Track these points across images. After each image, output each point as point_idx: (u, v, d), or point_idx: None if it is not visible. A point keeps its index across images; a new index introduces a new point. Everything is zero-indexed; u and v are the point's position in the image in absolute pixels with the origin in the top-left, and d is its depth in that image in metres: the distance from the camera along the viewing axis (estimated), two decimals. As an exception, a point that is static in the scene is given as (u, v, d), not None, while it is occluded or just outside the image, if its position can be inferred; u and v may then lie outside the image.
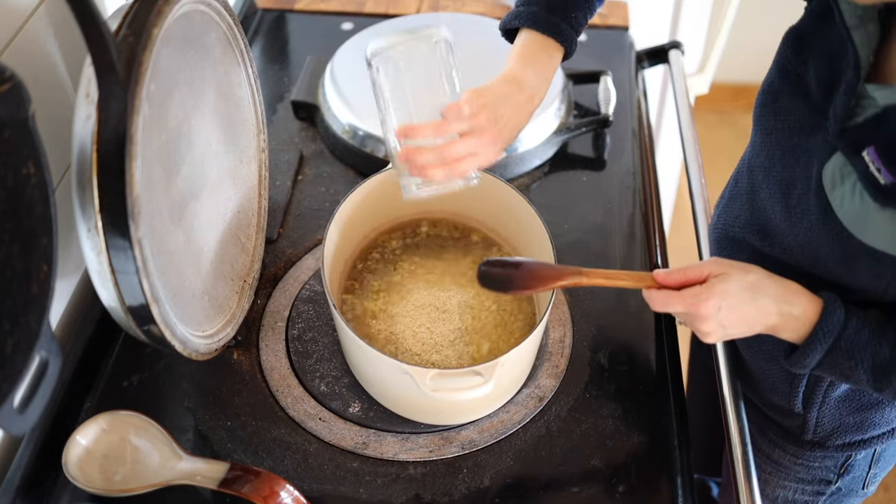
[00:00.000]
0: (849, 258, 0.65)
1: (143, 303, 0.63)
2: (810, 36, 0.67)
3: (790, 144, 0.69)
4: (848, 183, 0.62)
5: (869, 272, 0.65)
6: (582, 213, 1.02)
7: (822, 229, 0.66)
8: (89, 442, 0.75)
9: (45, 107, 0.74)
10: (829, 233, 0.65)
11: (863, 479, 0.91)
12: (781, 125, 0.70)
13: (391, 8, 1.34)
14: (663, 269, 0.74)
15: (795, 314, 0.68)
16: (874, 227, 0.61)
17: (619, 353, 0.88)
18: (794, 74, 0.69)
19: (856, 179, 0.61)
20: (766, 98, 0.72)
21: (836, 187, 0.63)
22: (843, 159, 0.62)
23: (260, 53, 1.27)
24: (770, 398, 0.87)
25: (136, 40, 0.61)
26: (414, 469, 0.78)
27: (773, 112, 0.71)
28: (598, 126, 1.11)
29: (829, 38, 0.64)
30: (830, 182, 0.64)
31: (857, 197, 0.62)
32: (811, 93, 0.67)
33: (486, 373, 0.69)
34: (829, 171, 0.64)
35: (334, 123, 1.08)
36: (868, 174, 0.60)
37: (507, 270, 0.72)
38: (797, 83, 0.68)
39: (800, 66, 0.68)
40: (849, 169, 0.62)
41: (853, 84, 0.62)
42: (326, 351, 0.87)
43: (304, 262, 0.96)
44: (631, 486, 0.77)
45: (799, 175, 0.69)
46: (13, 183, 0.52)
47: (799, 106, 0.68)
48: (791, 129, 0.69)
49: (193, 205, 0.78)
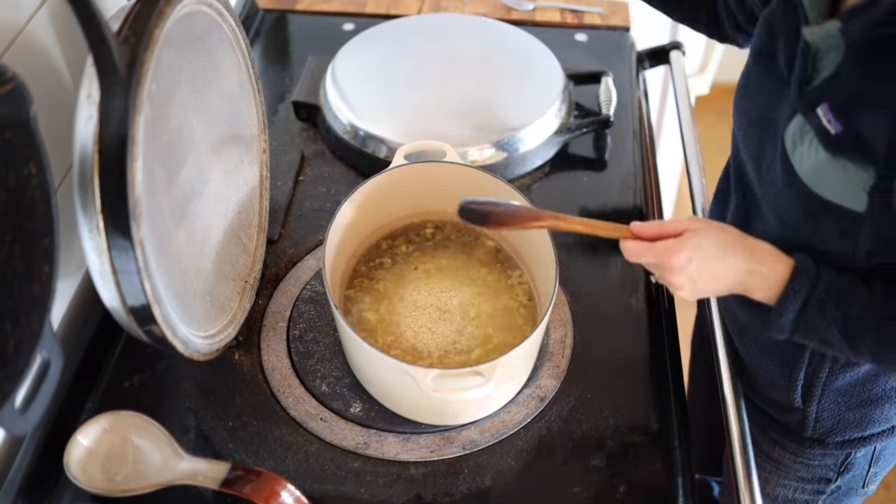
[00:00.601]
0: (811, 216, 0.67)
1: (144, 303, 0.63)
2: (780, 17, 0.71)
3: (760, 117, 0.73)
4: (806, 140, 0.66)
5: (833, 231, 0.67)
6: (583, 213, 1.02)
7: (787, 192, 0.69)
8: (91, 442, 0.75)
9: (47, 107, 0.74)
10: (793, 194, 0.68)
11: (863, 477, 0.91)
12: (753, 103, 0.75)
13: (392, 8, 1.34)
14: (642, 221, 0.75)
15: (764, 272, 0.69)
16: (829, 179, 0.64)
17: (620, 353, 0.88)
18: (765, 54, 0.73)
19: (812, 136, 0.65)
20: (741, 82, 0.77)
21: (797, 147, 0.67)
22: (802, 120, 0.66)
23: (261, 54, 1.27)
24: (769, 394, 0.87)
25: (137, 41, 0.61)
26: (415, 469, 0.78)
27: (746, 94, 0.76)
28: (598, 126, 1.11)
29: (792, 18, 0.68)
30: (791, 143, 0.67)
31: (813, 151, 0.65)
32: (779, 68, 0.71)
33: (487, 373, 0.70)
34: (791, 132, 0.67)
35: (335, 124, 1.08)
36: (821, 127, 0.64)
37: (486, 207, 0.75)
38: (769, 62, 0.72)
39: (770, 45, 0.72)
40: (807, 128, 0.66)
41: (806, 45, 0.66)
42: (328, 351, 0.87)
43: (305, 263, 0.96)
44: (631, 486, 0.77)
45: (767, 145, 0.72)
46: (15, 184, 0.52)
47: (768, 83, 0.72)
48: (762, 105, 0.73)
49: (195, 205, 0.78)
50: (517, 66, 1.15)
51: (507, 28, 1.21)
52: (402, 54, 1.15)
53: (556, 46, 1.18)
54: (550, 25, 1.32)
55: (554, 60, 1.15)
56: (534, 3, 1.35)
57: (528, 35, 1.20)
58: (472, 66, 1.15)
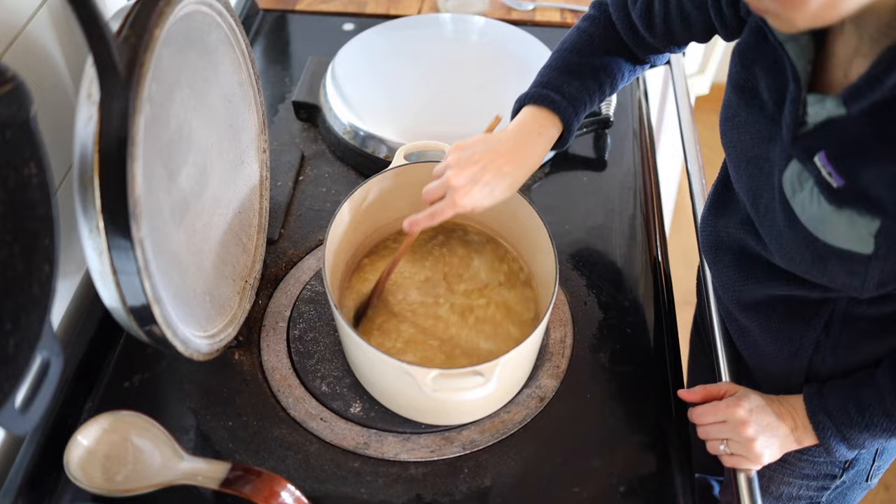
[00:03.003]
0: (819, 260, 0.66)
1: (144, 303, 0.63)
2: (754, 50, 0.69)
3: (752, 155, 0.71)
4: (806, 188, 0.64)
5: (842, 271, 0.66)
6: (583, 213, 1.02)
7: (790, 234, 0.67)
8: (91, 442, 0.75)
9: (47, 107, 0.75)
10: (796, 237, 0.66)
11: (867, 471, 0.91)
12: (742, 137, 0.72)
13: (392, 9, 1.34)
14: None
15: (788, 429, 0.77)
16: (835, 228, 0.63)
17: (620, 353, 0.88)
18: (748, 88, 0.70)
19: (813, 185, 0.63)
20: (726, 113, 0.74)
21: (797, 193, 0.65)
22: (799, 166, 0.64)
23: (261, 54, 1.27)
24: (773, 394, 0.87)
25: (137, 41, 0.61)
26: (415, 469, 0.78)
27: (733, 126, 0.73)
28: (598, 126, 1.11)
29: (771, 51, 0.66)
30: (791, 189, 0.65)
31: (815, 201, 0.63)
32: (765, 104, 0.68)
33: (487, 373, 0.70)
34: (788, 178, 0.65)
35: (335, 124, 1.08)
36: (821, 179, 0.61)
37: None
38: (751, 96, 0.70)
39: (750, 79, 0.70)
40: (805, 175, 0.63)
41: (796, 94, 0.63)
42: (328, 351, 0.87)
43: (305, 263, 0.96)
44: (631, 486, 0.77)
45: (763, 184, 0.70)
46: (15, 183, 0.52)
47: (756, 118, 0.70)
48: (752, 141, 0.71)
49: (195, 205, 0.78)
50: (517, 66, 1.15)
51: (507, 28, 1.21)
52: (402, 54, 1.15)
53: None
54: (550, 25, 1.32)
55: (554, 60, 1.15)
56: (534, 3, 1.35)
57: (527, 35, 1.20)
58: (472, 66, 1.15)
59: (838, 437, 0.74)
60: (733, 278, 0.81)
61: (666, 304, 0.94)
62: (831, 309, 0.74)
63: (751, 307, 0.81)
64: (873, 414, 0.72)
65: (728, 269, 0.81)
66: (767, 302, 0.78)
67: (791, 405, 0.77)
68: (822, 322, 0.75)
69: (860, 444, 0.75)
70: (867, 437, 0.74)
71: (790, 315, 0.77)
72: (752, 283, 0.78)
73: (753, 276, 0.78)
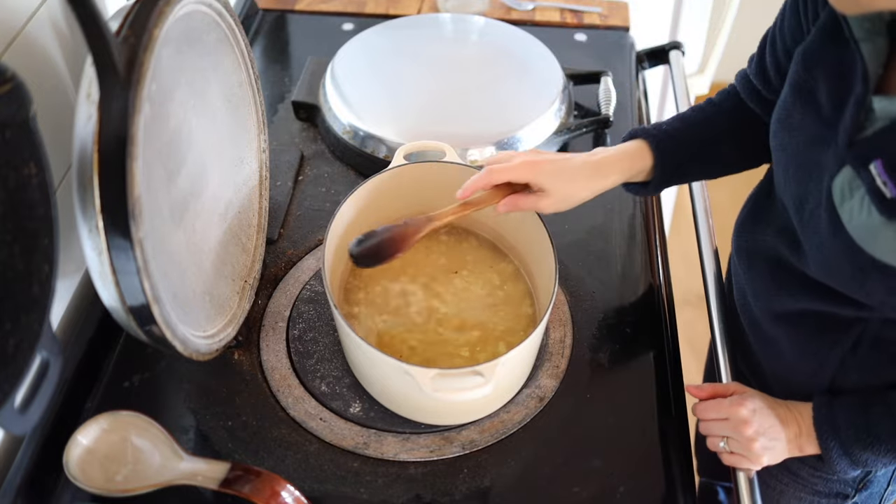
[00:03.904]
0: (860, 272, 0.65)
1: (144, 303, 0.63)
2: (819, 52, 0.67)
3: (803, 160, 0.69)
4: (857, 196, 0.62)
5: (882, 287, 0.64)
6: (582, 213, 1.02)
7: (833, 243, 0.66)
8: (90, 442, 0.75)
9: (47, 107, 0.75)
10: (840, 247, 0.65)
11: (880, 494, 0.90)
12: (794, 141, 0.70)
13: (392, 8, 1.34)
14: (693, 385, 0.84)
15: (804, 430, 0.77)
16: (883, 241, 0.61)
17: (620, 353, 0.88)
18: (806, 91, 0.69)
19: (864, 193, 0.61)
20: (780, 114, 0.73)
21: (846, 201, 0.63)
22: (852, 173, 0.62)
23: (261, 54, 1.27)
24: None
25: (137, 41, 0.61)
26: (415, 469, 0.78)
27: (786, 128, 0.71)
28: (598, 126, 1.11)
29: (837, 53, 0.64)
30: (840, 196, 0.63)
31: (865, 210, 0.61)
32: (822, 108, 0.67)
33: (487, 373, 0.70)
34: (839, 184, 0.63)
35: (335, 124, 1.08)
36: (875, 187, 0.59)
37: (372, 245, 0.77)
38: (808, 100, 0.68)
39: (810, 82, 0.68)
40: (857, 182, 0.62)
41: (862, 96, 0.61)
42: (327, 351, 0.87)
43: (304, 263, 0.96)
44: (631, 486, 0.77)
45: (811, 190, 0.68)
46: (15, 183, 0.52)
47: (811, 122, 0.68)
48: (803, 145, 0.69)
49: (194, 205, 0.78)
50: (517, 66, 1.15)
51: (506, 28, 1.21)
52: (401, 54, 1.15)
53: (556, 46, 1.18)
54: (550, 25, 1.32)
55: (553, 60, 1.15)
56: (534, 3, 1.35)
57: (527, 35, 1.20)
58: (472, 66, 1.15)
59: (841, 450, 0.74)
60: (765, 288, 0.80)
61: (666, 305, 0.94)
62: (862, 329, 0.73)
63: (780, 318, 0.80)
64: (880, 432, 0.72)
65: (761, 278, 0.81)
66: (798, 315, 0.77)
67: (798, 411, 0.77)
68: (850, 342, 0.74)
69: (863, 462, 0.74)
70: (871, 455, 0.73)
71: (819, 330, 0.76)
72: (784, 295, 0.77)
73: (786, 288, 0.77)
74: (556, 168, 0.79)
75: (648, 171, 0.84)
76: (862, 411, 0.73)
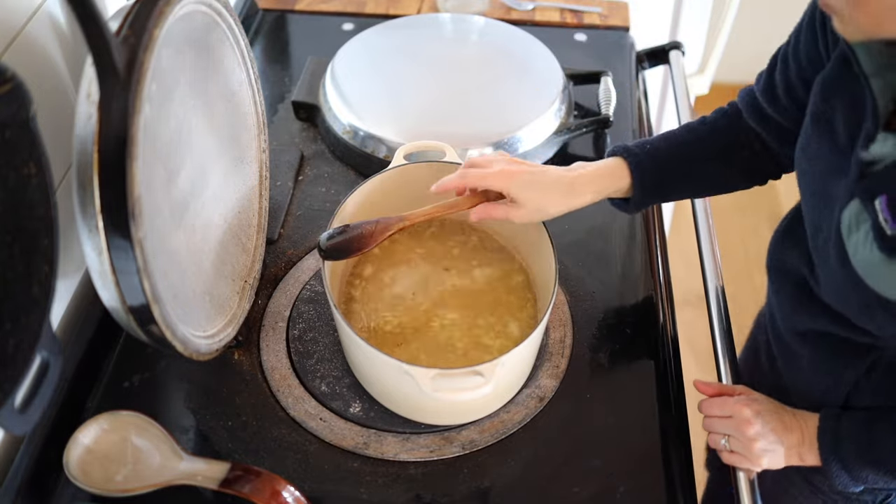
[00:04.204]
0: (867, 307, 0.64)
1: (144, 303, 0.63)
2: (836, 82, 0.67)
3: (818, 188, 0.69)
4: (862, 230, 0.61)
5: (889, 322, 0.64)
6: (582, 213, 1.02)
7: (841, 275, 0.65)
8: (90, 442, 0.75)
9: (47, 107, 0.75)
10: (847, 280, 0.64)
11: None
12: (812, 169, 0.70)
13: (392, 8, 1.34)
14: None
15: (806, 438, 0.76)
16: (886, 277, 0.60)
17: (620, 353, 0.88)
18: (824, 120, 0.68)
19: (869, 228, 0.60)
20: (801, 143, 0.72)
21: (852, 233, 0.62)
22: (860, 206, 0.62)
23: (261, 54, 1.27)
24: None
25: (137, 41, 0.61)
26: (414, 469, 0.78)
27: (806, 157, 0.71)
28: (598, 126, 1.11)
29: (852, 84, 0.64)
30: (847, 228, 0.63)
31: (868, 246, 0.61)
32: (839, 137, 0.66)
33: (487, 373, 0.70)
34: (847, 216, 0.63)
35: (335, 124, 1.08)
36: (877, 223, 0.59)
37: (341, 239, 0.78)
38: (826, 129, 0.68)
39: (828, 111, 0.67)
40: (864, 216, 0.61)
41: (872, 132, 0.61)
42: (327, 351, 0.87)
43: (304, 263, 0.96)
44: (631, 486, 0.77)
45: (825, 218, 0.68)
46: (14, 183, 0.52)
47: (827, 151, 0.68)
48: (820, 173, 0.69)
49: (194, 205, 0.78)
50: (517, 66, 1.15)
51: (506, 28, 1.21)
52: (401, 54, 1.15)
53: (556, 46, 1.18)
54: (550, 25, 1.32)
55: (553, 60, 1.15)
56: (534, 3, 1.35)
57: (527, 35, 1.20)
58: (472, 66, 1.15)
59: (839, 464, 0.73)
60: (790, 306, 0.81)
61: (666, 304, 0.94)
62: (878, 356, 0.73)
63: (801, 336, 0.80)
64: (881, 450, 0.72)
65: (786, 296, 0.81)
66: (817, 335, 0.78)
67: (804, 420, 0.76)
68: (864, 366, 0.74)
69: (863, 479, 0.74)
70: (871, 472, 0.73)
71: (836, 353, 0.76)
72: (805, 315, 0.78)
73: (807, 310, 0.77)
74: (531, 180, 0.78)
75: (626, 190, 0.83)
76: (866, 427, 0.73)
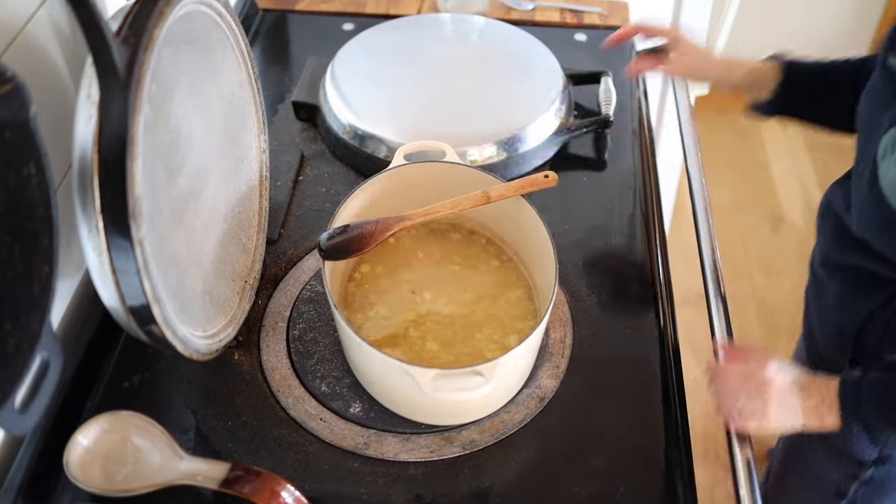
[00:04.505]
0: (887, 227, 0.69)
1: (144, 303, 0.63)
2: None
3: (869, 121, 0.75)
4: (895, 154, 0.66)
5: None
6: (582, 213, 1.02)
7: (868, 197, 0.70)
8: (90, 442, 0.75)
9: (47, 107, 0.74)
10: (873, 200, 0.69)
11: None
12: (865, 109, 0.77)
13: (392, 8, 1.34)
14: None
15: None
16: None
17: (620, 353, 0.88)
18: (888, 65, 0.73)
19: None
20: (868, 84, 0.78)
21: (886, 156, 0.67)
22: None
23: (261, 54, 1.27)
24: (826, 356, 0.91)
25: (137, 41, 0.61)
26: (415, 469, 0.78)
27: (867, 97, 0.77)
28: (598, 126, 1.11)
29: None
30: (882, 151, 0.68)
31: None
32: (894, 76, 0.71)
33: (487, 373, 0.70)
34: (885, 141, 0.68)
35: (335, 124, 1.08)
36: None
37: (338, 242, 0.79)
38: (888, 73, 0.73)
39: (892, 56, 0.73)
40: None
41: None
42: (327, 351, 0.87)
43: (304, 263, 0.96)
44: (631, 486, 0.77)
45: (866, 150, 0.73)
46: (14, 184, 0.52)
47: (882, 90, 0.73)
48: (872, 110, 0.75)
49: (194, 205, 0.78)
50: (517, 66, 1.15)
51: (506, 28, 1.21)
52: (401, 54, 1.15)
53: (556, 46, 1.18)
54: (550, 25, 1.32)
55: (554, 60, 1.15)
56: (534, 3, 1.35)
57: (527, 35, 1.20)
58: (472, 66, 1.15)
59: (860, 425, 0.73)
60: (826, 240, 0.86)
61: (666, 304, 0.94)
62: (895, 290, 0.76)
63: (832, 268, 0.85)
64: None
65: (827, 232, 0.87)
66: (846, 268, 0.82)
67: (824, 383, 0.76)
68: (881, 299, 0.77)
69: (882, 440, 0.75)
70: (891, 432, 0.73)
71: (859, 285, 0.80)
72: (836, 248, 0.83)
73: (838, 243, 0.83)
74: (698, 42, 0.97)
75: (772, 91, 0.92)
76: (886, 389, 0.73)
